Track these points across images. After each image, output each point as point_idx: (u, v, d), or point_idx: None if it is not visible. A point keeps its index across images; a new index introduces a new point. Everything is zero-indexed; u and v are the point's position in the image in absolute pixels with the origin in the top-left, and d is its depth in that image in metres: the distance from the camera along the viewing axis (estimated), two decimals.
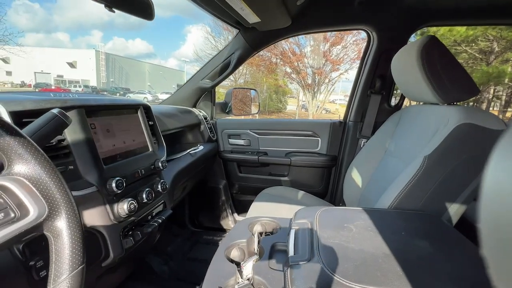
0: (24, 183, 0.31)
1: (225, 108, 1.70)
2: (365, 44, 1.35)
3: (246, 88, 1.91)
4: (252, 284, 0.59)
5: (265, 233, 0.82)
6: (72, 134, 0.56)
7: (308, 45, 11.62)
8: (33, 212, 0.30)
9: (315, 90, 12.31)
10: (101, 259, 0.61)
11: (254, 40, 1.27)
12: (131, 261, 0.82)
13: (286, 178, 1.60)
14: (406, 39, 1.22)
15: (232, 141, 1.64)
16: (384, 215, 0.74)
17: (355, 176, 1.29)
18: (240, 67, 1.39)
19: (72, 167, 0.56)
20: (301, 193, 1.45)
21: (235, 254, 0.72)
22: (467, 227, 0.74)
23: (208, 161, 1.51)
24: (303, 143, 1.56)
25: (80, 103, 0.60)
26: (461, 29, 8.51)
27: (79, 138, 0.57)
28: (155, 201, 0.77)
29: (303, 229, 0.69)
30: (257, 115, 1.88)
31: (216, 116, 1.69)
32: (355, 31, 9.80)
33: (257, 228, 0.85)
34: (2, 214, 0.29)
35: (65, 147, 0.56)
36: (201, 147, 1.32)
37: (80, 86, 24.48)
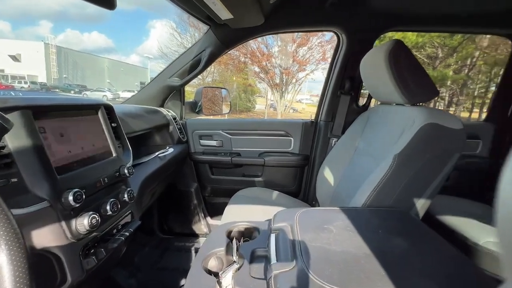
0: None
1: (194, 107, 1.62)
2: (329, 46, 1.39)
3: (217, 87, 1.86)
4: None
5: (244, 238, 0.79)
6: (14, 140, 0.47)
7: (276, 45, 11.81)
8: None
9: (283, 89, 12.56)
10: (57, 285, 0.52)
11: (226, 37, 1.22)
12: (94, 280, 0.73)
13: (260, 179, 1.58)
14: (372, 42, 1.27)
15: (203, 142, 1.57)
16: (360, 214, 0.75)
17: (327, 174, 1.32)
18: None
19: (15, 179, 0.47)
20: (275, 193, 1.44)
21: (212, 264, 0.68)
22: (429, 219, 0.79)
23: (178, 163, 1.43)
24: (276, 143, 1.55)
25: (25, 103, 0.51)
26: (412, 36, 9.33)
27: (24, 144, 0.48)
28: (121, 212, 0.69)
29: (283, 233, 0.67)
30: (226, 115, 1.83)
31: (186, 116, 1.61)
32: (320, 33, 10.21)
33: (235, 234, 0.81)
34: None
35: (5, 155, 0.46)
36: (170, 149, 1.23)
37: (26, 83, 21.83)
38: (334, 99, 1.42)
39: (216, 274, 0.62)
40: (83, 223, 0.53)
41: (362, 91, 1.47)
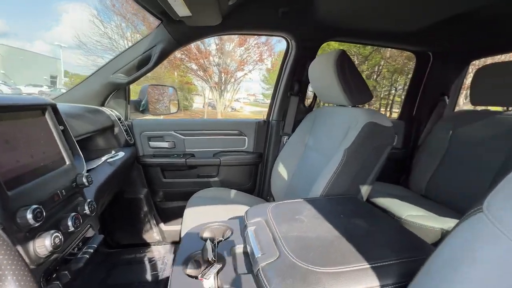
0: None
1: (139, 106, 1.50)
2: (265, 48, 1.50)
3: (163, 85, 1.75)
4: None
5: (217, 239, 0.79)
6: None
7: (213, 43, 11.65)
8: None
9: (222, 88, 12.52)
10: None
11: (180, 34, 1.17)
12: None
13: (216, 179, 1.57)
14: (317, 49, 1.43)
15: (153, 144, 1.47)
16: (321, 202, 0.85)
17: (280, 170, 1.42)
18: None
19: None
20: (233, 191, 1.47)
21: (192, 268, 0.67)
22: (366, 202, 0.95)
23: (127, 168, 1.31)
24: (231, 142, 1.58)
25: None
26: (335, 45, 10.60)
27: None
28: (81, 227, 0.60)
29: (260, 228, 0.71)
30: (175, 115, 1.75)
31: (131, 117, 1.47)
32: (256, 36, 10.54)
33: (208, 235, 0.81)
34: None
35: None
36: (121, 153, 1.12)
37: None
38: (284, 100, 1.53)
39: (197, 278, 0.62)
40: (44, 244, 0.46)
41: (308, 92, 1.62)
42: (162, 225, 1.54)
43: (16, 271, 0.40)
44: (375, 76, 12.65)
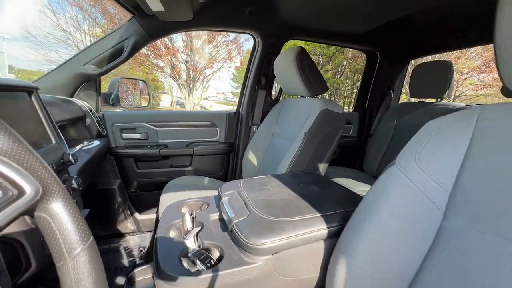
0: (5, 161, 0.27)
1: (109, 99, 1.51)
2: (233, 46, 1.63)
3: (134, 78, 1.77)
4: (202, 249, 0.67)
5: (195, 212, 0.89)
6: None
7: (180, 40, 11.39)
8: (30, 191, 0.28)
9: (191, 86, 12.31)
10: (22, 272, 0.49)
11: (152, 28, 1.23)
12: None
13: (189, 168, 1.65)
14: (281, 46, 1.57)
15: (125, 135, 1.49)
16: (285, 177, 0.99)
17: (251, 157, 1.54)
18: None
19: None
20: (206, 179, 1.56)
21: (173, 233, 0.76)
22: None
23: (101, 159, 1.33)
24: (203, 133, 1.66)
25: None
26: (302, 43, 11.03)
27: None
28: None
29: (233, 197, 0.82)
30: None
31: (102, 109, 1.48)
32: (224, 33, 10.55)
33: (186, 209, 0.90)
34: (1, 192, 0.25)
35: None
36: (96, 142, 1.15)
37: None
38: (252, 93, 1.66)
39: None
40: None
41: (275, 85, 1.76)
42: (137, 214, 1.57)
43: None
44: (339, 76, 13.36)
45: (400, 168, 0.55)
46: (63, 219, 0.31)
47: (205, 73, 12.51)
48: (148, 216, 1.59)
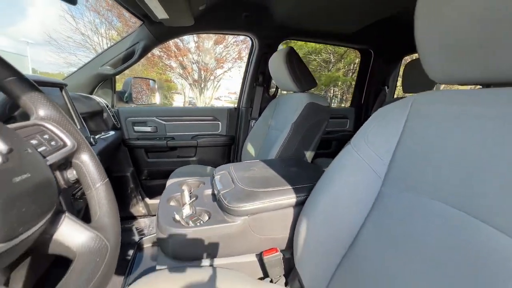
0: (52, 124, 0.44)
1: (123, 97, 1.70)
2: (243, 45, 1.77)
3: (146, 78, 1.95)
4: (194, 213, 0.82)
5: (192, 188, 1.05)
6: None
7: (192, 41, 11.70)
8: (70, 144, 0.44)
9: (202, 86, 12.60)
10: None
11: (160, 33, 1.40)
12: None
13: (194, 158, 1.82)
14: (276, 46, 1.71)
15: (137, 128, 1.68)
16: (271, 160, 1.13)
17: (249, 148, 1.69)
18: None
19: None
20: (208, 168, 1.72)
21: (173, 203, 0.92)
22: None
23: (116, 148, 1.51)
24: (206, 126, 1.82)
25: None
26: (312, 43, 10.99)
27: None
28: None
29: (223, 176, 0.97)
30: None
31: (117, 105, 1.67)
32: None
33: (185, 187, 1.06)
34: (54, 142, 0.42)
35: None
36: (111, 132, 1.33)
37: None
38: (251, 90, 1.80)
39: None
40: (73, 173, 0.69)
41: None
42: (147, 199, 1.76)
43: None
44: (351, 74, 13.19)
45: (353, 146, 0.68)
46: (89, 165, 0.47)
47: (216, 73, 12.76)
48: (157, 201, 1.77)
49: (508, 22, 0.40)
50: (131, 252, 1.34)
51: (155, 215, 1.80)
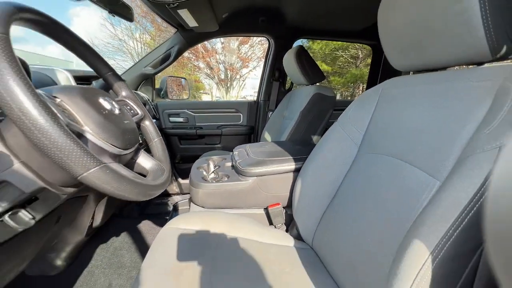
0: (130, 100, 0.71)
1: (159, 93, 2.02)
2: (267, 44, 1.99)
3: (178, 77, 2.27)
4: (218, 176, 1.08)
5: (216, 162, 1.30)
6: None
7: (219, 42, 12.20)
8: (140, 113, 0.71)
9: (229, 85, 13.07)
10: None
11: (190, 38, 1.68)
12: None
13: (218, 145, 2.09)
14: (291, 45, 1.91)
15: (172, 119, 1.99)
16: (282, 142, 1.35)
17: (266, 136, 1.91)
18: None
19: None
20: (228, 155, 1.97)
21: (201, 170, 1.18)
22: None
23: None
24: (230, 118, 2.08)
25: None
26: (322, 43, 10.70)
27: None
28: None
29: (240, 152, 1.21)
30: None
31: (156, 99, 2.00)
32: None
33: (211, 161, 1.32)
34: (132, 111, 0.69)
35: None
36: (154, 120, 1.64)
37: None
38: (268, 85, 2.03)
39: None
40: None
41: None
42: (180, 180, 2.07)
43: None
44: None
45: (338, 123, 0.89)
46: (150, 127, 0.73)
47: (241, 72, 13.14)
48: (187, 181, 2.07)
49: (424, 29, 0.58)
50: (167, 218, 1.65)
51: (186, 193, 2.11)
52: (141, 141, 0.75)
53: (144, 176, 0.65)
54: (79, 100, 0.51)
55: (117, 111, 0.57)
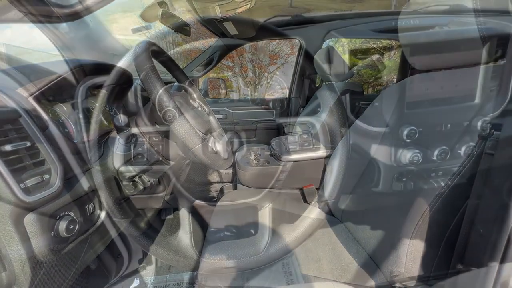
0: (199, 102, 0.94)
1: (202, 92, 2.29)
2: (299, 45, 2.15)
3: (217, 78, 2.53)
4: (260, 162, 1.29)
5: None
6: None
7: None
8: (207, 110, 0.94)
9: (256, 83, 13.29)
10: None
11: (230, 44, 1.91)
12: None
13: (254, 139, 2.31)
14: (320, 46, 2.05)
15: None
16: (313, 134, 1.52)
17: (298, 130, 2.09)
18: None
19: None
20: (266, 146, 2.18)
21: (245, 156, 1.40)
22: None
23: None
24: (263, 114, 2.29)
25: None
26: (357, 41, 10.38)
27: None
28: None
29: (277, 142, 1.41)
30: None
31: None
32: None
33: (252, 150, 1.54)
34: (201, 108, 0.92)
35: None
36: None
37: None
38: (300, 82, 2.19)
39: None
40: None
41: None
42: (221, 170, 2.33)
43: None
44: None
45: (364, 115, 1.04)
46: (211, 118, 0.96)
47: (269, 69, 13.25)
48: (227, 171, 2.32)
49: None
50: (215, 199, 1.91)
51: (225, 182, 2.37)
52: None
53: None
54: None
55: (200, 108, 0.80)
